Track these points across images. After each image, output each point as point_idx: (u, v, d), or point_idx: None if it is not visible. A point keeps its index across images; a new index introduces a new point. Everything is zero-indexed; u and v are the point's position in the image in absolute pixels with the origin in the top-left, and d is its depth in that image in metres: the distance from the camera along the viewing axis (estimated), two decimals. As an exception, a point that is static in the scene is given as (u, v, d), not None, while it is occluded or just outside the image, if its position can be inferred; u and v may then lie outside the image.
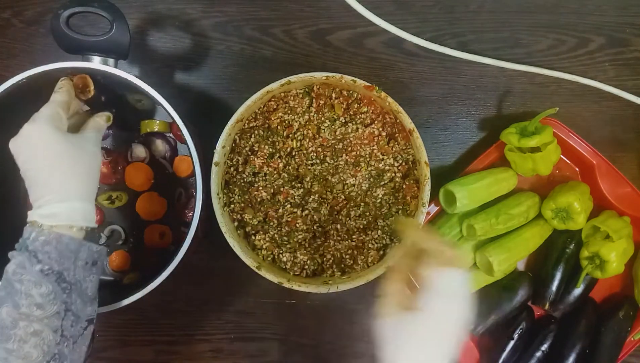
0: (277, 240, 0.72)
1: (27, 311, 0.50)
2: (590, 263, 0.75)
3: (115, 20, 0.64)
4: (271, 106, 0.74)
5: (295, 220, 0.72)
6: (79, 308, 0.54)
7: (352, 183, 0.73)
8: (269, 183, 0.73)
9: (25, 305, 0.50)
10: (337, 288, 0.69)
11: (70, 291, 0.53)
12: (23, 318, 0.50)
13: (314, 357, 0.81)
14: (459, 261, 0.52)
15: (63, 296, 0.52)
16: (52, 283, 0.51)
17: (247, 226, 0.73)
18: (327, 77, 0.70)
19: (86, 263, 0.55)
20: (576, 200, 0.73)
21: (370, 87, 0.70)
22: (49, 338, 0.51)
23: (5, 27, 0.81)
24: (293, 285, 0.69)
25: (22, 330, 0.50)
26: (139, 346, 0.81)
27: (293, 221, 0.72)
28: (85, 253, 0.55)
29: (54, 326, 0.51)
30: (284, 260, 0.72)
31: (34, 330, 0.50)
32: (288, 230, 0.72)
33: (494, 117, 0.83)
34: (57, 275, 0.52)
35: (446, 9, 0.82)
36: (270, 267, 0.71)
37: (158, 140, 0.77)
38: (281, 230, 0.73)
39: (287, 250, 0.72)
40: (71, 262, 0.53)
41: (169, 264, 0.66)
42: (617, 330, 0.76)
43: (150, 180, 0.77)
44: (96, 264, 0.56)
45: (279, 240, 0.72)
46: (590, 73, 0.83)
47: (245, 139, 0.73)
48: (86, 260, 0.55)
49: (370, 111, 0.74)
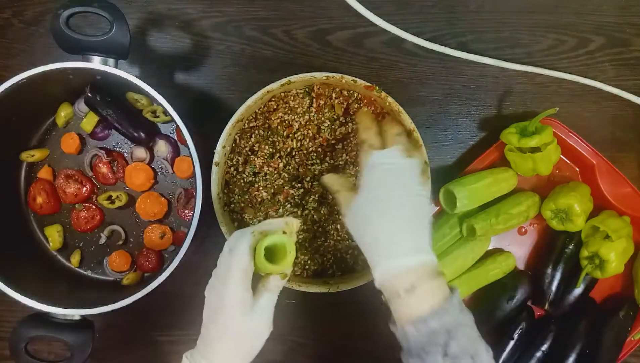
0: None
1: None
2: (590, 262, 0.75)
3: (115, 20, 0.64)
4: (271, 106, 0.74)
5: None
6: None
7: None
8: (269, 182, 0.73)
9: None
10: (337, 288, 0.69)
11: None
12: None
13: (314, 357, 0.81)
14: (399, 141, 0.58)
15: None
16: None
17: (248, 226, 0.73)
18: (327, 77, 0.70)
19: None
20: (576, 202, 0.73)
21: (371, 87, 0.70)
22: None
23: (5, 27, 0.81)
24: (293, 285, 0.69)
25: None
26: (139, 346, 0.81)
27: None
28: None
29: None
30: None
31: None
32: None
33: (494, 117, 0.83)
34: None
35: (446, 9, 0.82)
36: None
37: (161, 140, 0.77)
38: None
39: None
40: None
41: (169, 264, 0.66)
42: (617, 330, 0.76)
43: (150, 180, 0.77)
44: None
45: None
46: (590, 73, 0.83)
47: (246, 139, 0.73)
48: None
49: (370, 111, 0.74)
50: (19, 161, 0.78)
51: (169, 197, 0.79)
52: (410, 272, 0.51)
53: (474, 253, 0.77)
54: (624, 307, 0.77)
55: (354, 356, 0.81)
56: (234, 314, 0.53)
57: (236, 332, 0.53)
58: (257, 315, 0.54)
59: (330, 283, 0.70)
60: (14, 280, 0.66)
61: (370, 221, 0.54)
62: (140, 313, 0.79)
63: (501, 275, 0.78)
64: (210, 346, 0.54)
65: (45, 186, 0.77)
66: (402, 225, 0.53)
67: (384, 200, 0.55)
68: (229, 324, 0.53)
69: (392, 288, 0.52)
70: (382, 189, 0.55)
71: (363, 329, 0.80)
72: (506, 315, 0.77)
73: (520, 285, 0.77)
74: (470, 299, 0.80)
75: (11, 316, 0.80)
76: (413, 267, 0.51)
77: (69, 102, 0.77)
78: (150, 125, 0.78)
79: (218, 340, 0.54)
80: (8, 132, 0.73)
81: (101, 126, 0.77)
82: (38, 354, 0.67)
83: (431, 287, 0.51)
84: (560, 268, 0.77)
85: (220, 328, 0.53)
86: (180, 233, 0.78)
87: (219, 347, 0.54)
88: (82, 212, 0.77)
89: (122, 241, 0.79)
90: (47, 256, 0.78)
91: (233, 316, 0.53)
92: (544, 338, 0.76)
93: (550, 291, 0.77)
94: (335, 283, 0.69)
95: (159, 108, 0.76)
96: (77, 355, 0.66)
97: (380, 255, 0.53)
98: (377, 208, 0.54)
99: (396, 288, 0.51)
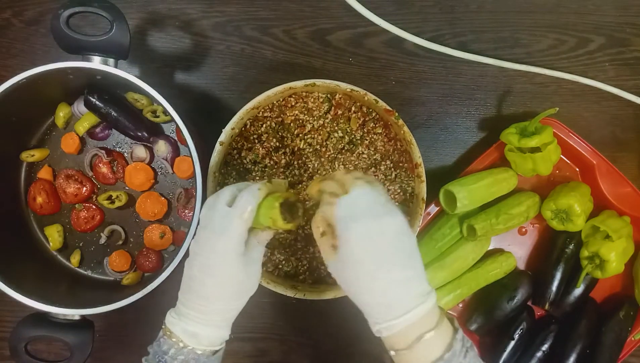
0: None
1: None
2: (590, 262, 0.75)
3: (115, 20, 0.64)
4: (290, 102, 0.73)
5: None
6: None
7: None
8: (266, 175, 0.72)
9: None
10: (303, 295, 0.68)
11: None
12: None
13: (314, 357, 0.81)
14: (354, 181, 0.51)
15: None
16: None
17: None
18: (351, 90, 0.69)
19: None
20: (577, 202, 0.73)
21: (391, 111, 0.69)
22: None
23: (5, 27, 0.81)
24: (262, 281, 0.68)
25: None
26: (139, 346, 0.81)
27: None
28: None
29: None
30: None
31: None
32: None
33: (494, 117, 0.83)
34: None
35: (446, 9, 0.82)
36: None
37: (161, 140, 0.77)
38: None
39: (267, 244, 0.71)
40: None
41: (169, 264, 0.66)
42: (617, 330, 0.76)
43: (150, 180, 0.77)
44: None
45: None
46: (590, 73, 0.83)
47: (256, 126, 0.73)
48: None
49: (383, 135, 0.73)
50: (19, 161, 0.78)
51: (169, 197, 0.79)
52: (415, 325, 0.49)
53: (474, 253, 0.77)
54: (624, 307, 0.77)
55: (354, 356, 0.81)
56: (234, 265, 0.52)
57: (235, 283, 0.54)
58: (251, 266, 0.55)
59: (298, 289, 0.69)
60: (14, 280, 0.66)
61: (361, 280, 0.49)
62: (140, 313, 0.79)
63: (501, 275, 0.78)
64: (207, 300, 0.53)
65: (45, 186, 0.77)
66: (396, 276, 0.48)
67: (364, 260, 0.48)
68: (228, 275, 0.53)
69: (397, 344, 0.49)
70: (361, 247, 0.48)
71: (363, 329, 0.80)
72: (507, 315, 0.77)
73: (521, 285, 0.77)
74: (470, 299, 0.80)
75: (11, 316, 0.80)
76: (417, 321, 0.48)
77: (66, 103, 0.77)
78: (151, 124, 0.78)
79: (217, 292, 0.53)
80: (8, 132, 0.73)
81: (101, 126, 0.77)
82: (38, 354, 0.67)
83: (439, 332, 0.49)
84: (561, 268, 0.77)
85: (219, 280, 0.53)
86: (180, 233, 0.78)
87: (217, 298, 0.53)
88: (82, 212, 0.77)
89: (122, 241, 0.79)
90: (47, 256, 0.78)
91: (232, 268, 0.53)
92: (545, 338, 0.76)
93: (551, 292, 0.77)
94: (303, 290, 0.69)
95: (159, 108, 0.76)
96: (77, 355, 0.66)
97: (379, 315, 0.50)
98: (365, 269, 0.49)
99: (402, 344, 0.49)
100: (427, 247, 0.77)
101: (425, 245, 0.77)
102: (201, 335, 0.54)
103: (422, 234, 0.78)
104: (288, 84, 0.69)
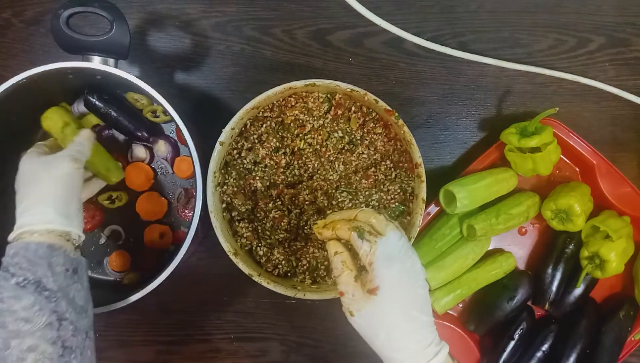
0: (259, 232, 0.72)
1: (15, 328, 0.49)
2: (590, 262, 0.75)
3: (115, 20, 0.64)
4: (290, 102, 0.73)
5: (282, 218, 0.72)
6: (73, 318, 0.52)
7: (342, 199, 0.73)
8: (267, 175, 0.72)
9: (11, 322, 0.49)
10: (303, 295, 0.68)
11: (58, 300, 0.51)
12: (13, 336, 0.49)
13: (314, 357, 0.81)
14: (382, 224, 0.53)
15: (50, 305, 0.50)
16: (32, 293, 0.50)
17: (234, 211, 0.72)
18: (351, 90, 0.69)
19: (66, 270, 0.53)
20: (577, 202, 0.73)
21: (390, 111, 0.69)
22: (48, 352, 0.49)
23: (5, 27, 0.81)
24: (262, 281, 0.68)
25: (16, 348, 0.48)
26: (139, 346, 0.81)
27: (280, 218, 0.71)
28: (62, 258, 0.53)
29: (50, 338, 0.50)
30: (260, 254, 0.71)
31: (29, 346, 0.49)
32: (272, 225, 0.72)
33: (494, 117, 0.83)
34: (35, 284, 0.50)
35: (446, 9, 0.82)
36: (246, 257, 0.71)
37: (161, 140, 0.77)
38: (265, 224, 0.72)
39: (266, 244, 0.71)
40: (46, 269, 0.52)
41: (169, 264, 0.66)
42: (617, 330, 0.76)
43: (150, 180, 0.77)
44: (77, 272, 0.55)
45: (260, 233, 0.72)
46: (590, 73, 0.83)
47: (256, 126, 0.73)
48: (65, 266, 0.53)
49: (383, 135, 0.73)
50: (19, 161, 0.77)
51: (169, 197, 0.79)
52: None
53: (474, 253, 0.77)
54: (625, 307, 0.77)
55: (354, 356, 0.81)
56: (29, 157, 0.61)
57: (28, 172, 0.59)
58: (54, 156, 0.60)
59: (298, 289, 0.69)
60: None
61: (387, 323, 0.52)
62: (140, 313, 0.79)
63: (501, 275, 0.78)
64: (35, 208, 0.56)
65: (45, 186, 0.77)
66: (416, 325, 0.52)
67: (400, 300, 0.52)
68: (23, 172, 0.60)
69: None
70: (398, 288, 0.52)
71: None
72: (507, 315, 0.77)
73: (521, 285, 0.77)
74: (470, 299, 0.80)
75: (11, 316, 0.80)
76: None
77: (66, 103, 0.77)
78: (151, 124, 0.78)
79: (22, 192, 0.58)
80: (8, 132, 0.73)
81: (101, 126, 0.77)
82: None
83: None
84: (561, 268, 0.77)
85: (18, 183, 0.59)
86: (180, 233, 0.78)
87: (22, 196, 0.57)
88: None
89: (122, 241, 0.79)
90: (47, 256, 0.78)
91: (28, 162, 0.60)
92: (545, 338, 0.76)
93: (551, 291, 0.77)
94: (303, 290, 0.69)
95: (159, 108, 0.76)
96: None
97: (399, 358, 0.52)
98: (394, 310, 0.52)
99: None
100: (427, 247, 0.77)
101: (425, 245, 0.77)
102: (21, 223, 0.55)
103: (422, 234, 0.78)
104: (288, 84, 0.69)
